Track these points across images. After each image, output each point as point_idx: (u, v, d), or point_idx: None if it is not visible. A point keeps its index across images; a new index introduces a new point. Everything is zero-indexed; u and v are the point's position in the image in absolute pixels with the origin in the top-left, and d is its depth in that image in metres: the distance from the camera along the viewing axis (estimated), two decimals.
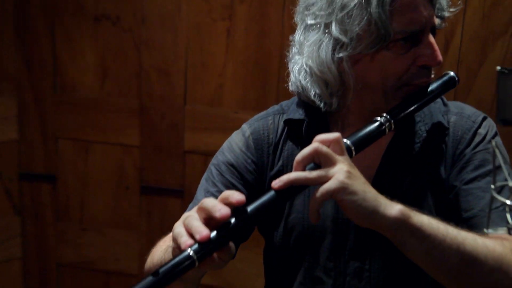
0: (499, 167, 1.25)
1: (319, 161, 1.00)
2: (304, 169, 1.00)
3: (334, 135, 1.02)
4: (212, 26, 2.26)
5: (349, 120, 1.27)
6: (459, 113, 1.32)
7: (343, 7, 1.16)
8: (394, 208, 0.99)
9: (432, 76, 1.27)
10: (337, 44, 1.20)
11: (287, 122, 1.34)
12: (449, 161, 1.28)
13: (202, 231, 0.91)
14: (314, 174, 0.98)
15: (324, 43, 1.21)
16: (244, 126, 1.39)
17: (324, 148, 0.99)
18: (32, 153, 2.55)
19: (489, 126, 1.30)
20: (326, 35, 1.21)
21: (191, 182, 2.40)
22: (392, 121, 1.17)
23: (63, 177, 2.55)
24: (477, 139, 1.28)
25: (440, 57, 1.22)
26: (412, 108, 1.23)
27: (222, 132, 1.62)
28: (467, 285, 1.07)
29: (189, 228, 0.93)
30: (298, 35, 1.28)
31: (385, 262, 1.26)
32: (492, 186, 0.84)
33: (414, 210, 1.03)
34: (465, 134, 1.28)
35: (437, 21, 1.24)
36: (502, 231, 1.12)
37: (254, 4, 2.20)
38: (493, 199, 0.84)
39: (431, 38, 1.22)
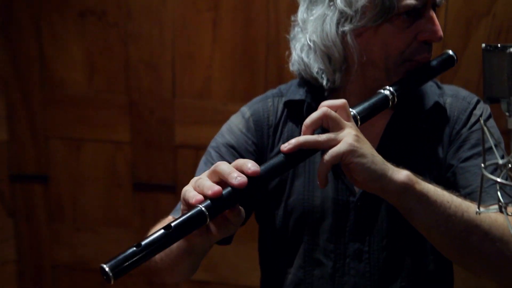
0: (490, 148, 1.24)
1: (327, 125, 1.01)
2: (312, 133, 1.01)
3: (341, 101, 1.04)
4: (198, 17, 2.24)
5: (350, 100, 1.27)
6: (454, 95, 1.33)
7: None
8: (401, 173, 1.01)
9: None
10: (342, 17, 1.21)
11: (287, 103, 1.35)
12: (446, 141, 1.29)
13: (214, 187, 0.92)
14: (323, 137, 0.99)
15: (328, 17, 1.22)
16: (244, 109, 1.40)
17: (333, 113, 1.01)
18: (23, 153, 2.53)
19: (484, 108, 1.33)
20: (331, 8, 1.22)
21: (183, 176, 2.37)
22: (396, 94, 1.18)
23: (55, 177, 2.53)
24: (473, 119, 1.29)
25: (441, 33, 1.23)
26: (414, 83, 1.24)
27: (212, 125, 1.59)
28: (471, 254, 1.08)
29: (201, 188, 0.94)
30: (301, 13, 1.30)
31: (384, 243, 1.27)
32: (483, 165, 0.81)
33: (420, 178, 1.04)
34: (461, 115, 1.30)
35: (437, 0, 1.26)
36: (493, 210, 1.11)
37: None
38: (483, 178, 0.82)
39: (433, 14, 1.24)
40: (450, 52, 1.31)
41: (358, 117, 1.09)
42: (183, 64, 2.29)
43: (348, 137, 0.99)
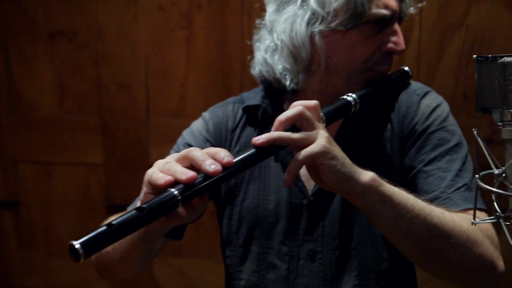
0: (456, 145, 1.25)
1: (300, 124, 1.01)
2: (284, 130, 1.01)
3: (314, 102, 1.04)
4: (171, 36, 2.22)
5: None
6: (407, 90, 1.36)
7: None
8: (367, 175, 1.02)
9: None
10: (313, 18, 1.23)
11: (245, 109, 1.38)
12: (396, 138, 1.30)
13: (188, 172, 0.90)
14: (297, 135, 0.99)
15: (299, 17, 1.24)
16: (204, 113, 1.46)
17: (308, 113, 1.01)
18: None
19: (435, 97, 1.34)
20: (303, 8, 1.24)
21: None
22: (358, 101, 1.20)
23: (26, 202, 2.46)
24: (426, 110, 1.30)
25: (404, 46, 1.29)
26: (375, 93, 1.27)
27: None
28: (433, 258, 1.09)
29: (172, 171, 0.92)
30: (269, 14, 1.32)
31: (336, 242, 1.28)
32: (477, 176, 0.82)
33: (386, 180, 1.05)
34: (409, 109, 1.31)
35: (402, 14, 1.31)
36: (490, 220, 1.12)
37: (211, 11, 2.17)
38: (478, 188, 0.81)
39: (398, 27, 1.29)
40: (406, 68, 1.36)
41: (324, 118, 1.10)
42: (157, 83, 2.26)
43: (321, 138, 1.00)
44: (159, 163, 0.98)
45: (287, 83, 1.30)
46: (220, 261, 2.30)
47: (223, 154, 0.94)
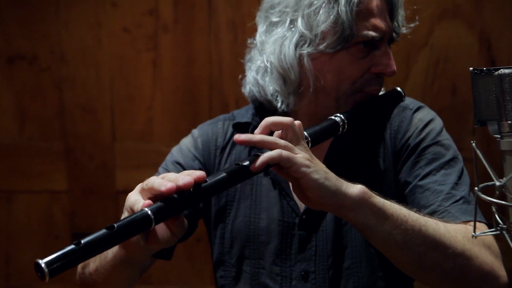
0: (452, 159, 1.25)
1: (285, 135, 1.01)
2: (268, 133, 1.01)
3: (298, 122, 1.04)
4: (137, 58, 2.19)
5: None
6: (400, 106, 1.35)
7: (310, 4, 1.21)
8: (356, 187, 1.00)
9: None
10: (301, 40, 1.23)
11: (235, 126, 1.37)
12: (389, 153, 1.29)
13: (167, 184, 0.90)
14: (282, 142, 0.98)
15: (288, 39, 1.24)
16: (194, 130, 1.44)
17: (296, 127, 1.01)
18: None
19: (427, 112, 1.35)
20: (292, 30, 1.24)
21: None
22: (346, 121, 1.20)
23: None
24: (419, 124, 1.30)
25: (394, 67, 1.28)
26: (365, 114, 1.27)
27: (155, 168, 1.55)
28: (431, 270, 1.07)
29: (152, 187, 0.92)
30: (259, 35, 1.32)
31: (329, 262, 1.26)
32: (476, 188, 0.82)
33: (375, 192, 1.03)
34: (401, 123, 1.31)
35: (393, 35, 1.31)
36: (490, 233, 1.12)
37: (178, 32, 2.15)
38: (477, 200, 0.81)
39: (388, 48, 1.28)
40: (398, 89, 1.35)
41: (309, 139, 1.10)
42: (123, 107, 2.22)
43: (304, 152, 0.99)
44: (138, 187, 0.98)
45: (279, 104, 1.29)
46: (190, 287, 2.27)
47: (198, 173, 0.93)
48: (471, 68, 0.85)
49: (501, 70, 0.80)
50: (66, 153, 2.26)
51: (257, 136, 0.99)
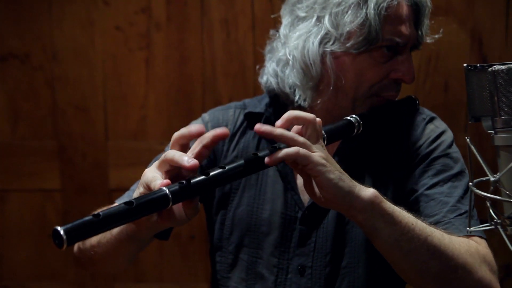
0: (459, 173, 1.26)
1: (306, 131, 1.01)
2: (288, 126, 1.01)
3: (319, 119, 1.04)
4: (130, 57, 2.18)
5: None
6: (413, 114, 1.36)
7: (339, 3, 1.22)
8: (368, 191, 1.01)
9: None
10: (326, 38, 1.24)
11: (247, 115, 1.37)
12: (398, 159, 1.30)
13: (190, 160, 0.91)
14: (301, 139, 0.98)
15: (313, 35, 1.25)
16: (204, 114, 1.44)
17: (318, 125, 1.02)
18: None
19: (440, 123, 1.35)
20: (317, 27, 1.25)
21: None
22: (361, 123, 1.20)
23: None
24: (431, 134, 1.31)
25: (413, 75, 1.29)
26: (379, 117, 1.27)
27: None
28: (431, 280, 1.08)
29: (172, 159, 0.93)
30: (284, 28, 1.32)
31: (327, 259, 1.27)
32: (470, 184, 0.84)
33: (387, 198, 1.04)
34: (414, 131, 1.32)
35: (416, 43, 1.31)
36: (486, 227, 1.14)
37: (171, 31, 2.15)
38: (471, 195, 0.82)
39: (410, 56, 1.29)
40: (413, 96, 1.37)
41: (325, 135, 1.10)
42: (116, 105, 2.22)
43: (321, 152, 0.99)
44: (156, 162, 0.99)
45: (296, 98, 1.30)
46: (184, 284, 2.27)
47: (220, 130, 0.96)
48: (465, 65, 0.86)
49: (495, 66, 0.81)
50: (59, 152, 2.25)
51: (278, 129, 0.99)
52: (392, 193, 1.27)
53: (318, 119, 1.04)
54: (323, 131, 1.08)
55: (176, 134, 0.98)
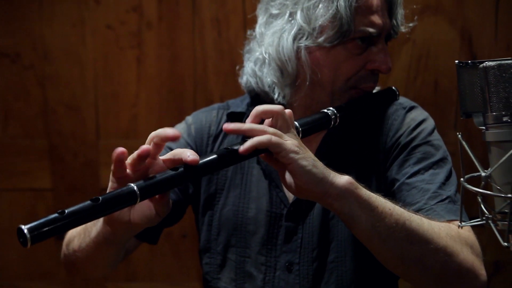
0: (441, 160, 1.27)
1: (276, 122, 1.01)
2: (259, 121, 1.02)
3: (288, 110, 1.05)
4: (121, 55, 2.18)
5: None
6: (394, 105, 1.37)
7: None
8: (343, 178, 1.01)
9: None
10: (299, 33, 1.25)
11: (229, 115, 1.39)
12: (380, 150, 1.31)
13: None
14: (271, 130, 0.99)
15: (286, 31, 1.26)
16: (188, 117, 1.45)
17: (286, 115, 1.02)
18: None
19: (420, 112, 1.35)
20: (290, 24, 1.26)
21: None
22: (338, 115, 1.21)
23: None
24: (411, 123, 1.31)
25: (390, 64, 1.30)
26: (357, 109, 1.28)
27: None
28: (412, 265, 1.08)
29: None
30: (259, 26, 1.34)
31: (314, 254, 1.28)
32: (462, 179, 0.84)
33: (362, 184, 1.04)
34: (394, 121, 1.33)
35: (391, 32, 1.33)
36: (476, 222, 1.14)
37: (162, 29, 2.15)
38: (463, 190, 0.83)
39: (385, 45, 1.30)
40: (393, 87, 1.37)
41: (300, 129, 1.11)
42: (107, 104, 2.21)
43: (293, 139, 1.00)
44: None
45: (275, 96, 1.31)
46: (175, 283, 2.27)
47: (189, 153, 0.94)
48: (456, 61, 0.87)
49: (486, 62, 0.82)
50: (50, 151, 2.25)
51: (246, 124, 0.99)
52: (376, 184, 1.28)
53: (287, 110, 1.04)
54: (297, 124, 1.09)
55: (152, 133, 1.00)
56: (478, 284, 1.10)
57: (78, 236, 1.19)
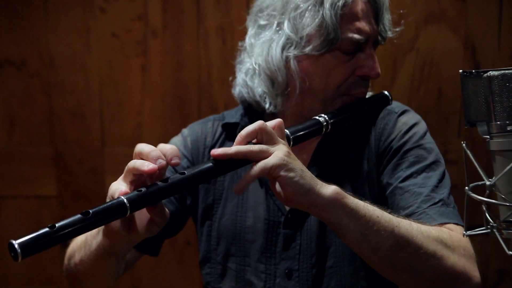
0: (433, 163, 1.28)
1: (261, 138, 1.02)
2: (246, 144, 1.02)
3: (277, 120, 1.06)
4: (126, 63, 2.19)
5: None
6: (386, 109, 1.37)
7: (296, 7, 1.24)
8: (330, 188, 1.02)
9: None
10: (288, 43, 1.26)
11: (224, 126, 1.41)
12: (373, 155, 1.31)
13: (149, 165, 0.94)
14: (256, 147, 1.00)
15: (275, 42, 1.27)
16: (184, 129, 1.47)
17: (269, 127, 1.03)
18: None
19: (412, 115, 1.36)
20: (278, 34, 1.27)
21: None
22: (330, 122, 1.22)
23: None
24: (403, 127, 1.32)
25: (379, 70, 1.31)
26: (349, 115, 1.29)
27: None
28: (403, 270, 1.09)
29: (134, 167, 0.96)
30: (248, 38, 1.36)
31: (313, 260, 1.29)
32: (466, 188, 0.85)
33: (349, 193, 1.05)
34: (386, 125, 1.34)
35: (379, 38, 1.34)
36: (481, 231, 1.14)
37: (167, 37, 2.16)
38: (468, 199, 0.84)
39: (373, 51, 1.31)
40: (386, 92, 1.38)
41: (291, 137, 1.12)
42: (112, 112, 2.22)
43: (280, 151, 1.00)
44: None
45: (267, 106, 1.32)
46: None
47: (146, 164, 0.95)
48: (460, 71, 0.87)
49: (490, 72, 0.83)
50: (55, 158, 2.26)
51: (231, 148, 1.00)
52: (370, 189, 1.28)
53: (278, 120, 1.06)
54: (288, 132, 1.11)
55: (130, 164, 1.00)
56: (472, 286, 1.10)
57: (79, 250, 1.20)
